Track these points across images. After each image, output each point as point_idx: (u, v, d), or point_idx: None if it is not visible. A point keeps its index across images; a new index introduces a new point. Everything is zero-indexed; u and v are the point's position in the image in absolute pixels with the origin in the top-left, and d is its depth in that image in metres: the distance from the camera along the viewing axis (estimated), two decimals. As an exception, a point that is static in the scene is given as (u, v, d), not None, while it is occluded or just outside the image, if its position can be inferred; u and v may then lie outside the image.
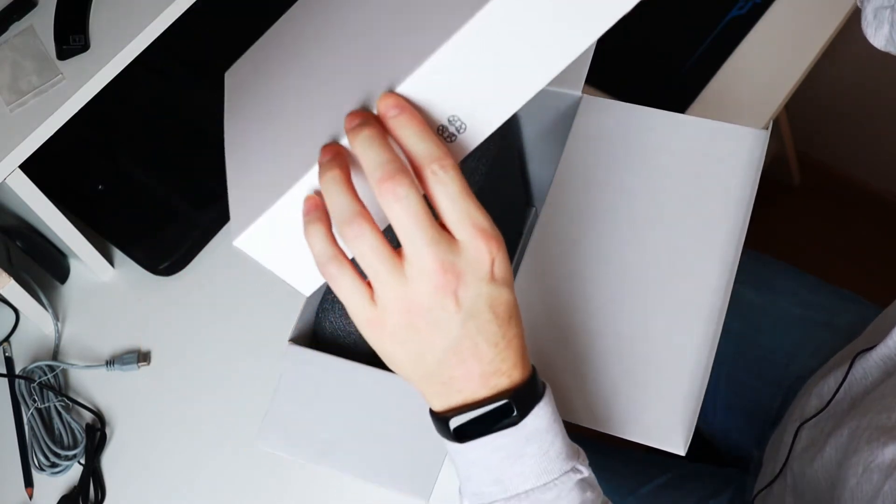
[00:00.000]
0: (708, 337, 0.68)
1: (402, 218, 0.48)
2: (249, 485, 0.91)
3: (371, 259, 0.50)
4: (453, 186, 0.49)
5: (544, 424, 0.56)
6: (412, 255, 0.49)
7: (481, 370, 0.53)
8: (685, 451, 0.64)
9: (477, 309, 0.51)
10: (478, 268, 0.50)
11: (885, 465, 0.64)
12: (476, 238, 0.50)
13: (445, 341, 0.52)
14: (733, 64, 1.07)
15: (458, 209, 0.49)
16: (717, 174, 0.75)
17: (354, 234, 0.49)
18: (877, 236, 1.70)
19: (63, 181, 1.06)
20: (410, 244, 0.49)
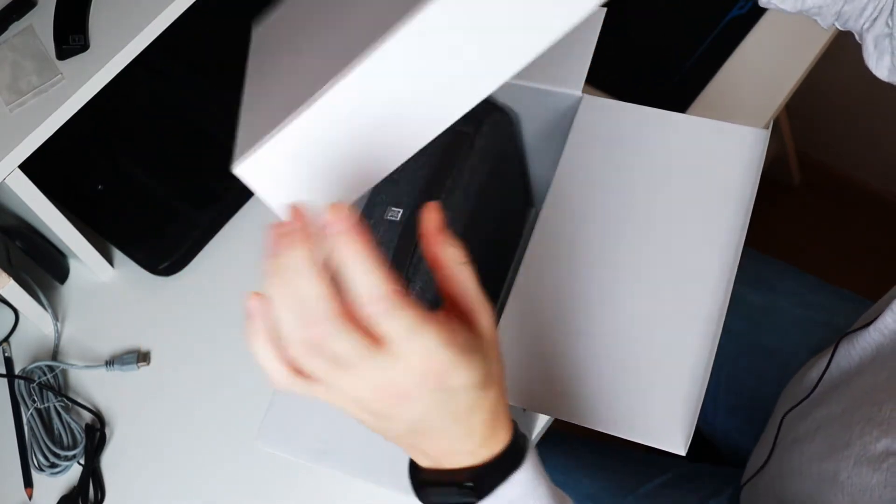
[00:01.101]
0: (708, 337, 0.68)
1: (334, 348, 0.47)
2: (249, 485, 0.91)
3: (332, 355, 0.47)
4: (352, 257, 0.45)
5: (518, 495, 0.55)
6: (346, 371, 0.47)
7: (441, 450, 0.53)
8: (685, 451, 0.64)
9: (426, 414, 0.49)
10: (421, 381, 0.47)
11: (875, 457, 0.64)
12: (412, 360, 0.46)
13: (400, 428, 0.51)
14: (733, 64, 1.07)
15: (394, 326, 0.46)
16: (717, 174, 0.75)
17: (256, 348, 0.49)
18: (877, 236, 1.70)
19: (63, 181, 1.06)
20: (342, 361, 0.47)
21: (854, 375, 0.77)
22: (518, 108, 0.88)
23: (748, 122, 0.76)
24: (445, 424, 0.51)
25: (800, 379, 0.85)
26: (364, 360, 0.46)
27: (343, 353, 0.46)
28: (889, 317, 0.75)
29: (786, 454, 0.79)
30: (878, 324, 0.75)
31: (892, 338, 0.75)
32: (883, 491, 0.62)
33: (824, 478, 0.70)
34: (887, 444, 0.64)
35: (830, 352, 0.80)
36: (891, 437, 0.64)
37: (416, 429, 0.51)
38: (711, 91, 1.06)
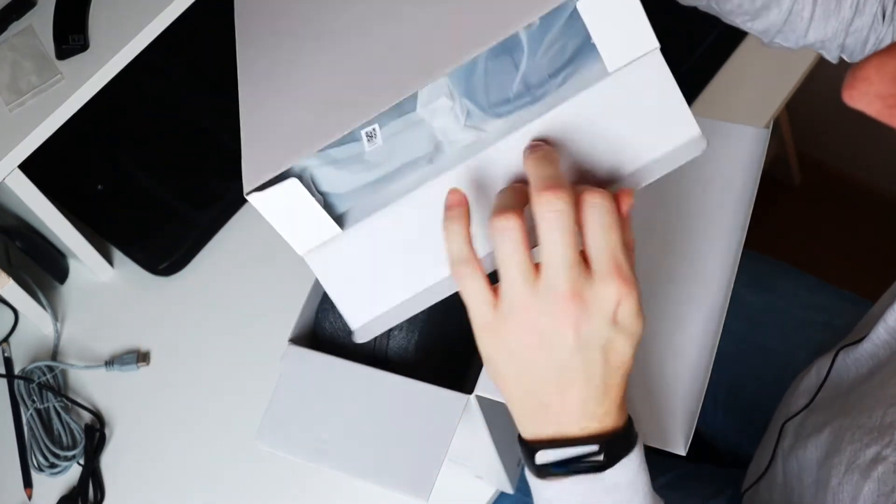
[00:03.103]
0: (708, 337, 0.67)
1: (551, 231, 0.49)
2: (249, 484, 0.91)
3: (511, 259, 0.50)
4: (607, 218, 0.49)
5: (627, 479, 0.55)
6: (548, 270, 0.49)
7: (576, 408, 0.53)
8: (685, 451, 0.64)
9: (590, 345, 0.51)
10: (603, 305, 0.50)
11: (864, 465, 0.64)
12: (611, 275, 0.49)
13: (550, 365, 0.52)
14: (734, 63, 1.07)
15: (604, 241, 0.49)
16: (717, 173, 0.75)
17: (503, 227, 0.49)
18: (877, 236, 1.70)
19: (62, 181, 1.06)
20: (550, 259, 0.49)
21: (848, 385, 0.77)
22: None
23: (748, 122, 0.76)
24: (596, 373, 0.52)
25: (797, 387, 0.86)
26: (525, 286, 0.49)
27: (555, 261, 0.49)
28: (882, 328, 0.75)
29: (785, 462, 0.80)
30: (871, 336, 0.76)
31: (884, 348, 0.75)
32: (876, 499, 0.62)
33: (819, 485, 0.70)
34: (877, 451, 0.64)
35: (829, 362, 0.80)
36: (880, 445, 0.64)
37: (565, 375, 0.52)
38: (712, 91, 1.06)
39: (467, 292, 0.52)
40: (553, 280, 0.49)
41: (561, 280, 0.49)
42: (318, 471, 0.80)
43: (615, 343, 0.51)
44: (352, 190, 0.56)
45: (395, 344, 0.74)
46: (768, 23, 0.76)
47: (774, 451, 0.82)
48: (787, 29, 0.75)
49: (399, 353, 0.74)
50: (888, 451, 0.63)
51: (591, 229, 0.49)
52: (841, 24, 0.73)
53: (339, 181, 0.56)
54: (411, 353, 0.74)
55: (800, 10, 0.74)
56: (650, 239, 0.73)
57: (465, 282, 0.52)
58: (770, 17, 0.75)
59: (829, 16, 0.74)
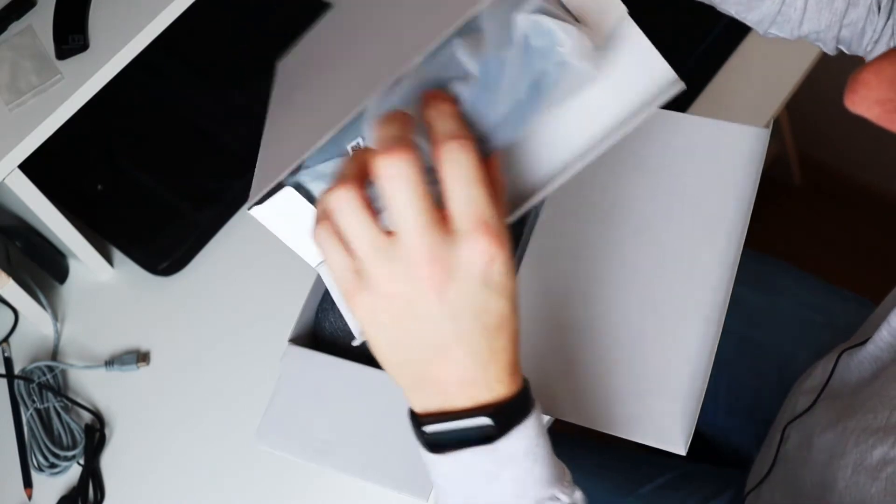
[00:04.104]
0: (708, 337, 0.67)
1: (394, 196, 0.45)
2: (249, 485, 0.91)
3: (355, 230, 0.46)
4: (465, 169, 0.45)
5: (523, 448, 0.52)
6: (401, 237, 0.46)
7: (459, 377, 0.49)
8: (685, 451, 0.64)
9: (461, 312, 0.47)
10: (470, 267, 0.46)
11: (872, 466, 0.64)
12: (476, 233, 0.45)
13: (422, 334, 0.48)
14: (734, 63, 1.07)
15: (464, 196, 0.45)
16: (718, 173, 0.75)
17: (339, 198, 0.46)
18: (877, 236, 1.70)
19: (62, 181, 1.06)
20: (400, 226, 0.45)
21: (852, 387, 0.77)
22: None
23: (749, 122, 0.76)
24: (473, 339, 0.48)
25: (799, 389, 0.85)
26: (431, 230, 0.45)
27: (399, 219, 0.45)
28: (885, 330, 0.75)
29: (788, 464, 0.80)
30: (875, 338, 0.76)
31: (888, 351, 0.75)
32: (883, 499, 0.62)
33: (825, 488, 0.70)
34: (884, 452, 0.64)
35: (831, 364, 0.80)
36: (887, 445, 0.64)
37: (440, 344, 0.48)
38: (712, 90, 1.06)
39: (325, 254, 0.48)
40: (406, 247, 0.45)
41: (415, 245, 0.45)
42: (317, 471, 0.80)
43: (489, 304, 0.47)
44: None
45: (395, 344, 0.74)
46: (762, 14, 0.75)
47: (777, 453, 0.82)
48: (781, 20, 0.75)
49: (399, 353, 0.74)
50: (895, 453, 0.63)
51: (450, 185, 0.45)
52: (835, 15, 0.73)
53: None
54: (411, 352, 0.74)
55: (792, 0, 0.74)
56: (650, 238, 0.73)
57: (322, 244, 0.48)
58: (763, 8, 0.75)
59: (822, 8, 0.73)
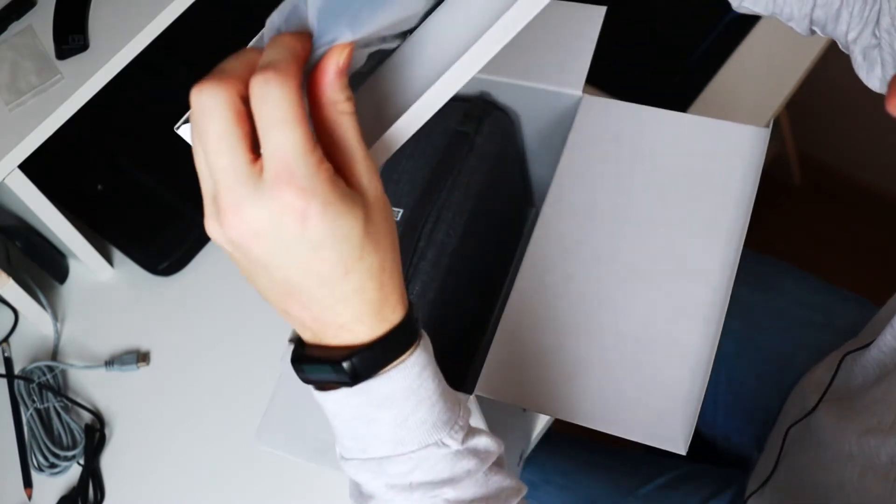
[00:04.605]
0: (708, 337, 0.67)
1: (198, 138, 0.42)
2: (249, 484, 0.91)
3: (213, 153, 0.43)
4: (271, 106, 0.40)
5: (400, 390, 0.49)
6: (205, 182, 0.43)
7: (314, 319, 0.46)
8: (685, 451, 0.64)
9: (283, 266, 0.44)
10: (278, 224, 0.42)
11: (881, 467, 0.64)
12: (278, 184, 0.41)
13: (264, 277, 0.46)
14: (734, 63, 1.07)
15: (270, 139, 0.41)
16: (717, 173, 0.75)
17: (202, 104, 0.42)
18: (877, 236, 1.70)
19: (62, 181, 1.06)
20: (202, 170, 0.43)
21: (855, 390, 0.77)
22: (518, 108, 0.87)
23: (749, 122, 0.76)
24: (312, 284, 0.45)
25: (802, 392, 0.85)
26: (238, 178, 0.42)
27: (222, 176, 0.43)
28: (889, 334, 0.75)
29: (790, 467, 0.80)
30: (878, 342, 0.76)
31: (891, 355, 0.75)
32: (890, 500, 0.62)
33: (829, 490, 0.70)
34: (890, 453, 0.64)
35: (834, 367, 0.80)
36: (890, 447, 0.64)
37: (284, 289, 0.46)
38: (712, 90, 1.06)
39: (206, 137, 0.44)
40: (215, 193, 0.43)
41: (220, 194, 0.43)
42: (317, 470, 0.80)
43: (312, 261, 0.43)
44: None
45: (395, 344, 0.74)
46: None
47: (780, 455, 0.82)
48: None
49: (399, 353, 0.74)
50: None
51: (259, 127, 0.41)
52: None
53: None
54: (411, 352, 0.74)
55: None
56: (650, 238, 0.73)
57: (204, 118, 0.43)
58: None
59: None
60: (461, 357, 0.85)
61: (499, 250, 0.92)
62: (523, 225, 0.98)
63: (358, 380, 0.48)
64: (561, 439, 1.01)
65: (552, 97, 0.81)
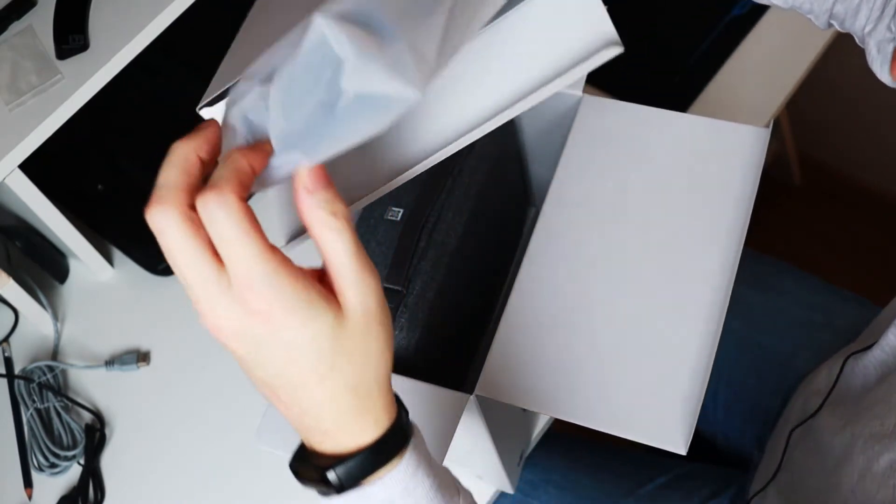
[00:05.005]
0: (708, 337, 0.67)
1: (167, 252, 0.45)
2: (249, 484, 0.91)
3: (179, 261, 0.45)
4: (221, 226, 0.42)
5: (397, 493, 0.49)
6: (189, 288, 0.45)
7: (295, 418, 0.48)
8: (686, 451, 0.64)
9: (257, 370, 0.46)
10: (248, 330, 0.45)
11: (879, 473, 0.64)
12: (249, 300, 0.43)
13: (251, 372, 0.48)
14: (734, 63, 1.07)
15: (231, 256, 0.43)
16: (717, 173, 0.75)
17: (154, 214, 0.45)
18: (877, 236, 1.70)
19: (62, 181, 1.06)
20: (183, 278, 0.45)
21: (857, 392, 0.77)
22: (518, 107, 0.87)
23: (749, 122, 0.76)
24: (289, 386, 0.46)
25: (804, 393, 0.85)
26: (207, 288, 0.44)
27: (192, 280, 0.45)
28: (892, 334, 0.75)
29: (793, 469, 0.80)
30: (882, 342, 0.76)
31: (893, 355, 0.75)
32: None
33: (830, 493, 0.70)
34: (891, 458, 0.64)
35: (837, 368, 0.80)
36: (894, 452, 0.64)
37: (269, 385, 0.47)
38: (712, 90, 1.06)
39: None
40: (193, 300, 0.45)
41: (196, 301, 0.45)
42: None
43: (283, 368, 0.45)
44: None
45: (395, 344, 0.74)
46: None
47: (782, 457, 0.82)
48: None
49: (399, 353, 0.74)
50: None
51: (214, 242, 0.43)
52: None
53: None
54: (411, 352, 0.74)
55: None
56: (650, 238, 0.73)
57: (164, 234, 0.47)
58: None
59: None
60: (461, 357, 0.85)
61: (499, 250, 0.92)
62: (523, 225, 0.98)
63: (342, 490, 0.48)
64: (561, 439, 1.01)
65: (552, 97, 0.81)
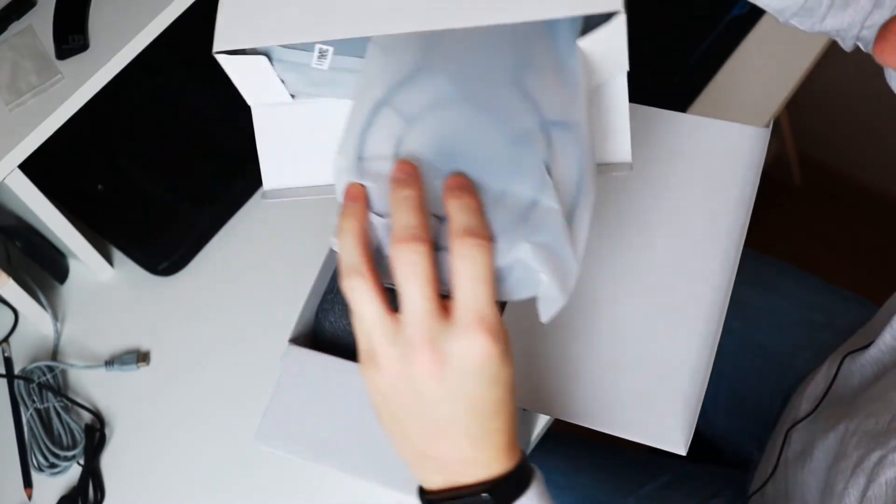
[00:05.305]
0: (708, 337, 0.67)
1: (404, 282, 0.49)
2: (249, 485, 0.91)
3: (364, 311, 0.50)
4: (475, 268, 0.48)
5: None
6: (405, 320, 0.49)
7: (456, 456, 0.53)
8: (686, 451, 0.64)
9: (456, 398, 0.50)
10: (466, 359, 0.49)
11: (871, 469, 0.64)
12: (472, 328, 0.49)
13: (422, 415, 0.51)
14: (734, 63, 1.07)
15: (469, 292, 0.48)
16: (718, 173, 0.75)
17: (351, 277, 0.49)
18: (877, 236, 1.70)
19: (62, 181, 1.06)
20: (406, 310, 0.49)
21: (854, 390, 0.77)
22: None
23: (749, 122, 0.76)
24: (469, 422, 0.51)
25: (803, 393, 0.85)
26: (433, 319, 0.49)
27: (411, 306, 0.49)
28: (889, 334, 0.75)
29: (791, 468, 0.80)
30: (878, 342, 0.76)
31: (890, 353, 0.75)
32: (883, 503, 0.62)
33: (826, 490, 0.70)
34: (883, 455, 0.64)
35: (835, 367, 0.80)
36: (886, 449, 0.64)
37: (438, 425, 0.51)
38: (712, 90, 1.05)
39: (357, 310, 0.51)
40: (410, 330, 0.49)
41: (416, 331, 0.49)
42: (317, 470, 0.80)
43: (484, 393, 0.50)
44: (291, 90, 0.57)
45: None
46: (786, 1, 0.73)
47: (779, 456, 0.82)
48: (804, 12, 0.73)
49: (399, 353, 0.74)
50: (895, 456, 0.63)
51: (459, 279, 0.49)
52: (858, 15, 0.72)
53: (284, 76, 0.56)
54: (411, 352, 0.74)
55: None
56: (650, 238, 0.73)
57: (355, 294, 0.50)
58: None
59: (847, 5, 0.71)
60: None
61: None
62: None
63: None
64: (561, 439, 1.01)
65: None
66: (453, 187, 0.50)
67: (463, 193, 0.50)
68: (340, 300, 0.77)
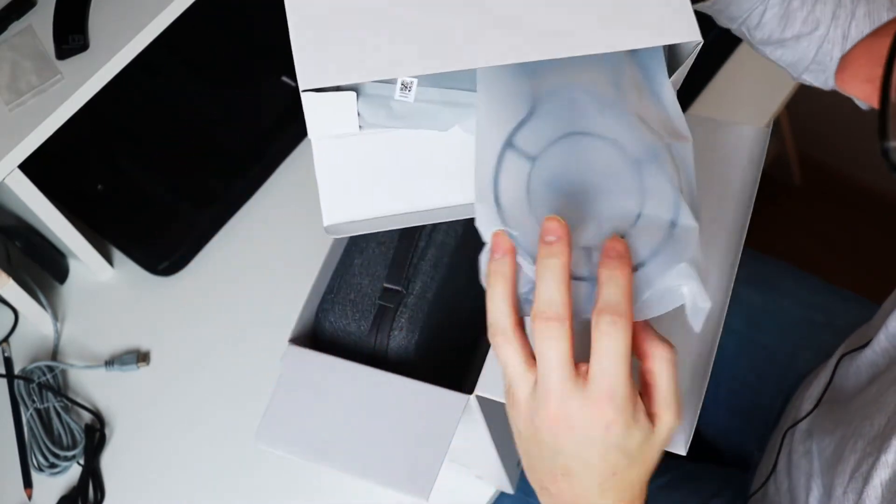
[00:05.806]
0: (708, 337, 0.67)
1: (544, 351, 0.51)
2: (249, 484, 0.91)
3: (507, 366, 0.53)
4: (614, 345, 0.50)
5: None
6: (541, 382, 0.52)
7: (572, 500, 0.56)
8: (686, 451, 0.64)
9: (574, 456, 0.53)
10: (590, 424, 0.52)
11: (868, 473, 0.64)
12: (602, 402, 0.51)
13: (542, 459, 0.55)
14: (734, 63, 1.07)
15: (605, 367, 0.51)
16: (717, 173, 0.75)
17: (497, 342, 0.52)
18: (877, 236, 1.70)
19: (62, 181, 1.06)
20: (542, 374, 0.52)
21: (850, 393, 0.77)
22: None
23: (749, 121, 0.76)
24: (588, 475, 0.54)
25: (802, 394, 0.85)
26: (565, 384, 0.51)
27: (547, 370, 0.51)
28: (883, 335, 0.75)
29: (789, 469, 0.80)
30: (873, 343, 0.76)
31: (884, 356, 0.75)
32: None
33: (824, 493, 0.70)
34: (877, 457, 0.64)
35: (831, 370, 0.80)
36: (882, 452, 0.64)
37: (554, 472, 0.55)
38: (712, 90, 1.06)
39: (503, 362, 0.53)
40: (544, 388, 0.52)
41: (550, 391, 0.51)
42: (317, 470, 0.80)
43: (604, 457, 0.53)
44: (367, 123, 0.56)
45: (395, 344, 0.74)
46: (796, 55, 0.75)
47: (777, 457, 0.82)
48: (816, 67, 0.74)
49: (399, 353, 0.74)
50: (891, 458, 0.63)
51: (597, 352, 0.51)
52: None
53: (362, 109, 0.55)
54: (411, 352, 0.74)
55: (829, 49, 0.73)
56: (650, 239, 0.73)
57: (501, 351, 0.53)
58: (799, 50, 0.74)
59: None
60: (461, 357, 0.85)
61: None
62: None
63: None
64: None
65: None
66: (611, 256, 0.51)
67: (617, 264, 0.51)
68: (340, 300, 0.77)
